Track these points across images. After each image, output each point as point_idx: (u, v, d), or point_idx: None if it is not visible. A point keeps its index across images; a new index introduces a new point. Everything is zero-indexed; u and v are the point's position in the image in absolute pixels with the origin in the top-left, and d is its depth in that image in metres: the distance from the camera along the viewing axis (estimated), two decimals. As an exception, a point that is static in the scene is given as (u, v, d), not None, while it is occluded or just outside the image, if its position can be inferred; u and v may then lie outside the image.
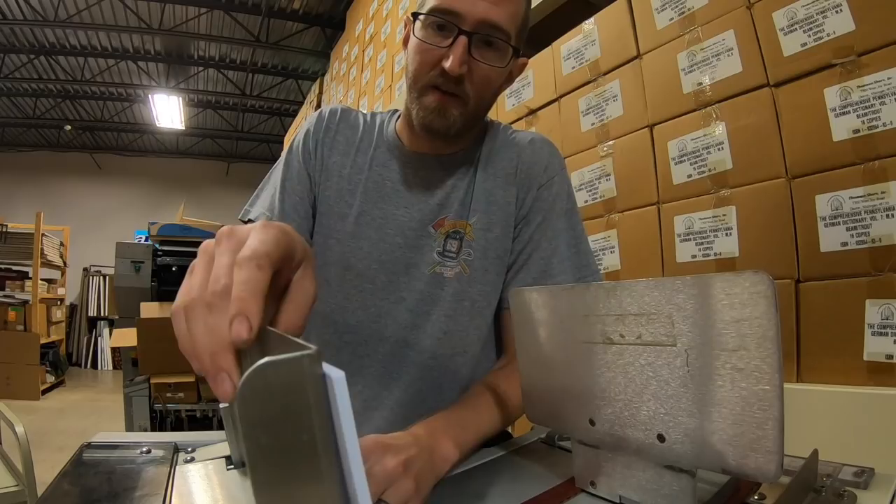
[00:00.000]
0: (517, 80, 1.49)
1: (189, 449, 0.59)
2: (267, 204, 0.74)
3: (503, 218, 0.73)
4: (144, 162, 8.38)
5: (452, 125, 0.68)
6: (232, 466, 0.53)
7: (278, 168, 0.78)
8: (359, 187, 0.74)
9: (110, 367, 6.93)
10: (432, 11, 0.64)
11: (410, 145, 0.75)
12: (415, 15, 0.67)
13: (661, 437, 0.38)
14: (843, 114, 0.78)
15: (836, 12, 0.80)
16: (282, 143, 5.85)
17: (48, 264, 5.86)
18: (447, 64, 0.63)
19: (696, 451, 0.36)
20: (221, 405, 0.53)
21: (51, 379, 5.47)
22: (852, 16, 0.78)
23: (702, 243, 0.96)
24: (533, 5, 1.41)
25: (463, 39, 0.63)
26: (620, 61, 1.16)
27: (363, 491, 0.22)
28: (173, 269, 3.20)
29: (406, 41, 0.71)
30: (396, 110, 0.81)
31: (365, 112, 0.82)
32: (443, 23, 0.64)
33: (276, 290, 0.33)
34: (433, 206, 0.73)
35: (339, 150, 0.77)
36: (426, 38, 0.65)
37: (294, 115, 5.92)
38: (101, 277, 7.40)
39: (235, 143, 8.28)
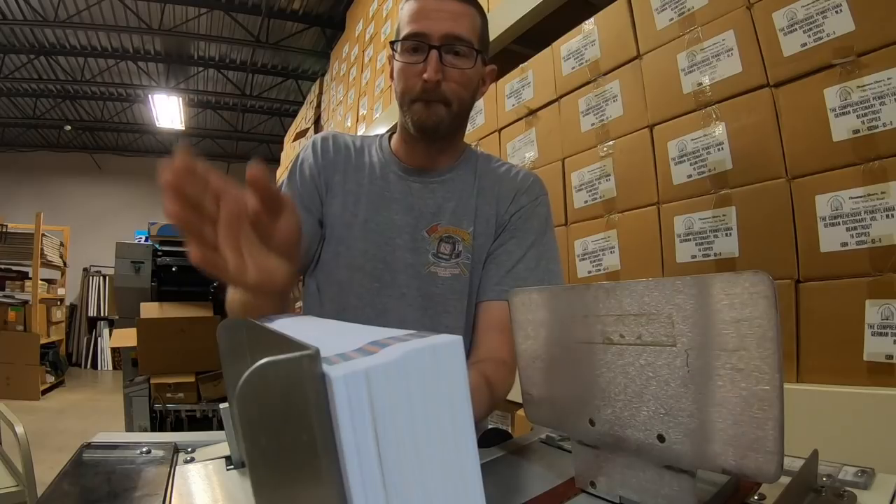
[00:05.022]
0: (517, 79, 1.49)
1: (189, 449, 0.59)
2: None
3: (486, 230, 0.84)
4: (144, 162, 8.37)
5: (441, 121, 0.78)
6: (232, 466, 0.53)
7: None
8: (361, 199, 0.83)
9: (110, 368, 6.93)
10: (406, 37, 0.77)
11: (407, 160, 0.85)
12: (392, 43, 0.80)
13: (661, 437, 0.38)
14: (843, 114, 0.78)
15: (836, 12, 0.80)
16: (282, 143, 5.84)
17: (48, 264, 5.87)
18: (426, 74, 0.75)
19: (696, 451, 0.36)
20: (222, 406, 0.53)
21: (51, 379, 5.47)
22: (852, 16, 0.78)
23: (702, 243, 0.96)
24: (533, 5, 1.42)
25: (434, 53, 0.75)
26: (620, 61, 1.16)
27: (359, 491, 0.22)
28: (173, 269, 3.19)
29: (391, 71, 0.83)
30: (380, 134, 0.91)
31: (349, 135, 0.93)
32: (416, 45, 0.76)
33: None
34: (427, 213, 0.82)
35: (339, 170, 0.85)
36: (405, 59, 0.78)
37: (294, 115, 5.92)
38: (101, 277, 7.40)
39: (235, 143, 8.28)
